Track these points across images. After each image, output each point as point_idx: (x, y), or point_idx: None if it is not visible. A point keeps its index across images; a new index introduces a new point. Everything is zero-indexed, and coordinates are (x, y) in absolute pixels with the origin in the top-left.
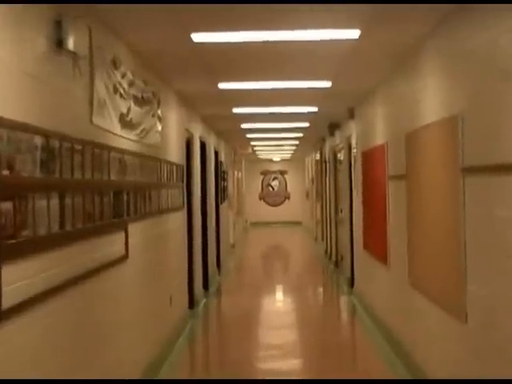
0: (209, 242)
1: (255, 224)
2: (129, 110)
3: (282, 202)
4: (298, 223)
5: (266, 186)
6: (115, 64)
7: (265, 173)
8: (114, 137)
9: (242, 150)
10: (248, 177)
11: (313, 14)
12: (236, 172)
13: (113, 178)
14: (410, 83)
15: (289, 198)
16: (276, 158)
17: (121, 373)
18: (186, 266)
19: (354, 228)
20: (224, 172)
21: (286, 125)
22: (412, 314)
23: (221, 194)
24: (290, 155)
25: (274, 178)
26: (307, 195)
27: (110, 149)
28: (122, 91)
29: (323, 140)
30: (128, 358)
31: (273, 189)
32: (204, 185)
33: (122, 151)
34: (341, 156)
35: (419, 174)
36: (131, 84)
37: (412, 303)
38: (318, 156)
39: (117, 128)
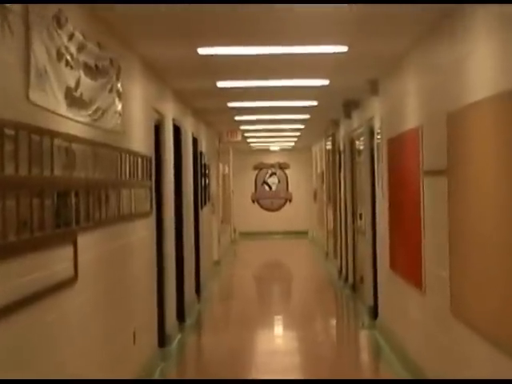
0: (185, 259)
1: (247, 235)
2: (78, 82)
3: (281, 206)
4: (302, 234)
5: (260, 184)
6: (59, 21)
7: (259, 167)
8: (59, 118)
9: (230, 137)
10: (237, 172)
11: None
12: (221, 166)
13: (57, 173)
14: (453, 48)
15: (291, 201)
16: (274, 148)
17: None
18: (155, 290)
19: (377, 240)
20: (205, 166)
21: (287, 103)
22: (456, 355)
23: (201, 195)
24: (292, 144)
25: (272, 174)
26: (315, 196)
27: (54, 135)
28: (69, 58)
29: (336, 123)
30: None
31: (270, 188)
32: (179, 183)
33: (69, 138)
34: (360, 144)
35: (466, 168)
36: (81, 48)
37: (457, 341)
38: (329, 145)
39: (62, 107)
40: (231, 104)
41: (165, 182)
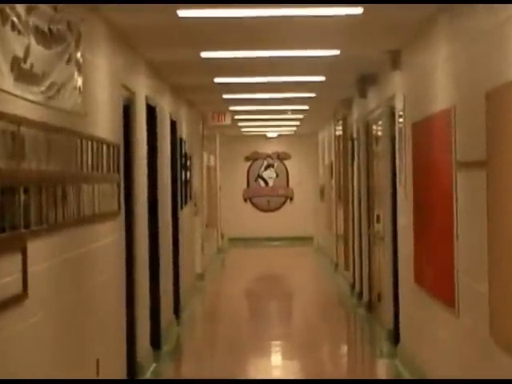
0: (161, 272)
1: (237, 241)
2: (28, 51)
3: (280, 206)
4: (306, 240)
5: (254, 178)
6: None
7: (253, 157)
8: (3, 96)
9: (217, 121)
10: (226, 164)
11: None
12: (206, 156)
13: (0, 165)
14: (496, 9)
15: (292, 199)
16: (271, 134)
17: None
18: (124, 310)
19: (398, 248)
20: (186, 156)
21: (287, 79)
22: None
23: (181, 192)
24: (293, 129)
25: (268, 167)
26: (322, 194)
27: None
28: (16, 20)
29: (348, 104)
30: None
31: (266, 184)
32: (153, 177)
33: (16, 120)
34: (377, 130)
35: (511, 159)
36: (31, 9)
37: (499, 373)
38: (339, 130)
39: (7, 81)
40: (218, 79)
41: (136, 176)
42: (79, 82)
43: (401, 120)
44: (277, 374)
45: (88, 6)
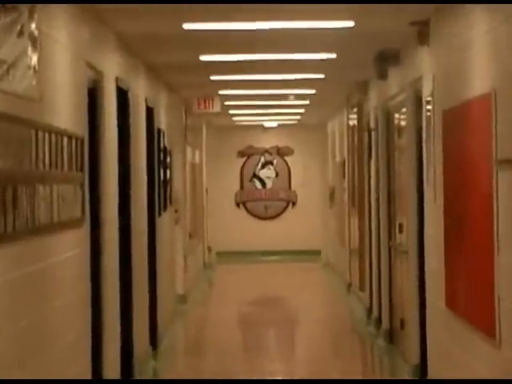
0: (135, 293)
1: (228, 255)
2: None
3: (281, 212)
4: (313, 254)
5: (249, 179)
6: None
7: (248, 153)
8: None
9: (203, 108)
10: (214, 161)
11: None
12: (190, 151)
13: None
14: None
15: (294, 204)
16: (270, 124)
17: None
18: (89, 341)
19: (426, 264)
20: (166, 151)
21: (290, 56)
22: None
23: (159, 195)
24: (297, 118)
25: (266, 164)
26: (332, 197)
27: None
28: None
29: (364, 88)
30: None
31: (263, 185)
32: (125, 177)
33: None
34: (401, 119)
35: None
36: None
37: None
38: (353, 119)
39: None
40: (205, 57)
41: (104, 176)
42: (34, 59)
43: (429, 107)
44: None
45: None
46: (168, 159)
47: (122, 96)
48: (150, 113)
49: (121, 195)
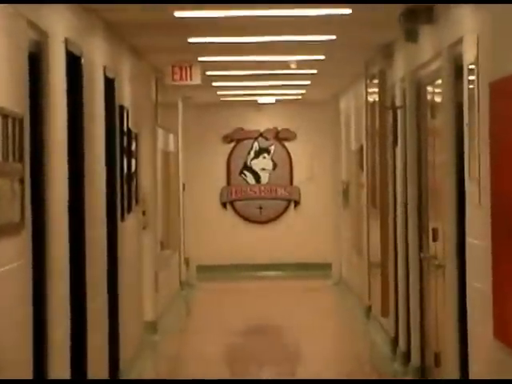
0: (89, 320)
1: (211, 270)
2: None
3: (280, 214)
4: (321, 268)
5: (239, 171)
6: None
7: (237, 137)
8: None
9: (179, 79)
10: (193, 148)
11: None
12: (163, 136)
13: None
14: None
15: (298, 203)
16: (265, 100)
17: None
18: (31, 377)
19: (468, 283)
20: (131, 135)
21: (292, 12)
22: None
23: (122, 192)
24: (301, 92)
25: (261, 152)
26: (346, 195)
27: None
28: None
29: (389, 53)
30: None
31: (257, 179)
32: (77, 169)
33: None
34: (435, 94)
35: None
36: None
37: None
38: (373, 94)
39: None
40: (180, 13)
41: (50, 167)
42: None
43: (472, 77)
44: None
45: None
46: (133, 146)
47: (74, 63)
48: (109, 85)
49: (72, 193)
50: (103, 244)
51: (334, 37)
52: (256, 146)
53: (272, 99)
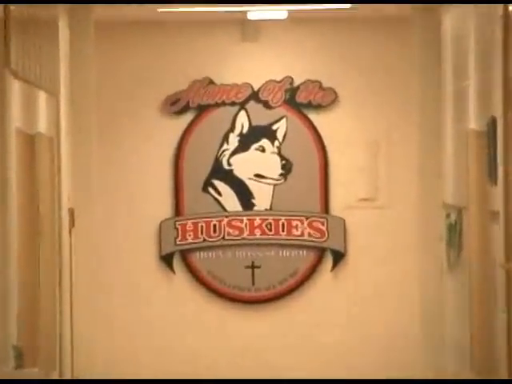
0: None
1: None
2: None
3: (297, 284)
4: None
5: (201, 182)
6: None
7: (198, 101)
8: None
9: None
10: (98, 129)
11: None
12: (23, 97)
13: None
14: None
15: (341, 256)
16: (264, 14)
17: None
18: None
19: None
20: None
21: None
22: None
23: None
24: None
25: (256, 137)
26: (452, 236)
27: None
28: None
29: None
30: None
31: (246, 200)
32: None
33: None
34: None
35: None
36: None
37: None
38: None
39: None
40: None
41: None
42: None
43: None
44: None
45: None
46: None
47: None
48: None
49: None
50: None
51: None
52: (243, 121)
53: (280, 12)
